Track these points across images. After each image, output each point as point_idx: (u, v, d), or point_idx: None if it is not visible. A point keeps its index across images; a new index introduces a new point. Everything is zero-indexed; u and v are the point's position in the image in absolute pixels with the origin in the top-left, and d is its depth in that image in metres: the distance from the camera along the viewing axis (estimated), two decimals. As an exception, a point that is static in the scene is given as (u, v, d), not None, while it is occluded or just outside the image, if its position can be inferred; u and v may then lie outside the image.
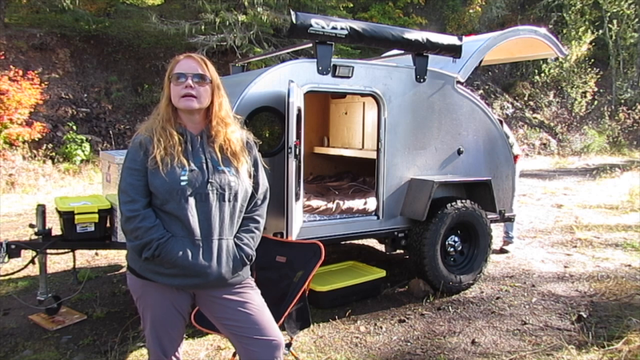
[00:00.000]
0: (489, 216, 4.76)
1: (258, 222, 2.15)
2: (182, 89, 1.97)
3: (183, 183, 1.93)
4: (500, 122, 5.81)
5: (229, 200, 2.00)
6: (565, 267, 5.38)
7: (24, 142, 10.70)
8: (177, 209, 1.93)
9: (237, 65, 5.48)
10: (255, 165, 2.16)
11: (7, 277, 4.45)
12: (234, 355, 2.81)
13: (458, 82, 4.67)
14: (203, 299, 2.09)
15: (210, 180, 1.97)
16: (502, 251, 5.90)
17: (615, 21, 20.64)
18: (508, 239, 5.98)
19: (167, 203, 1.94)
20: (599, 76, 20.69)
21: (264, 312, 2.12)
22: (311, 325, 3.56)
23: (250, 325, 2.06)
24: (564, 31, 20.04)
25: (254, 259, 2.12)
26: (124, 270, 5.18)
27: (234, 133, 2.08)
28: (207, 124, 2.06)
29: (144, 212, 1.94)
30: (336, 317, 3.97)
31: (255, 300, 2.11)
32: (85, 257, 5.51)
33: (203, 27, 13.23)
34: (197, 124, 2.05)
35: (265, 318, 2.10)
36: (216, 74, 2.06)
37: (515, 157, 5.87)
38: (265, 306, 2.15)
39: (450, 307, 4.22)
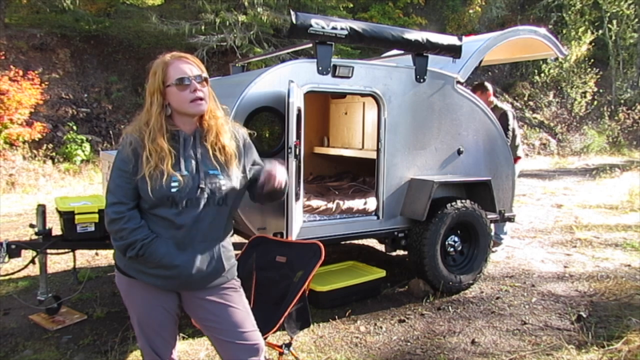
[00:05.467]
0: (488, 216, 4.77)
1: None
2: (190, 93, 1.92)
3: (174, 190, 1.88)
4: (514, 117, 5.78)
5: (219, 204, 1.97)
6: (565, 267, 5.38)
7: (24, 142, 10.70)
8: (166, 213, 1.91)
9: (237, 65, 5.48)
10: (252, 159, 2.13)
11: (7, 277, 4.46)
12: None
13: (458, 82, 4.67)
14: (187, 300, 2.07)
15: (200, 185, 1.93)
16: None
17: (615, 21, 20.62)
18: (497, 239, 5.94)
19: (156, 208, 1.92)
20: (598, 76, 20.66)
21: (245, 316, 2.08)
22: (311, 325, 3.56)
23: (231, 329, 2.03)
24: (564, 31, 20.02)
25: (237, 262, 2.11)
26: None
27: (223, 126, 2.03)
28: (200, 121, 2.02)
29: (129, 213, 1.92)
30: (336, 317, 3.97)
31: (237, 303, 2.08)
32: (85, 257, 5.52)
33: (203, 27, 13.24)
34: (192, 124, 2.01)
35: (246, 322, 2.07)
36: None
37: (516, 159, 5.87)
38: (248, 310, 2.11)
39: (450, 307, 4.23)
